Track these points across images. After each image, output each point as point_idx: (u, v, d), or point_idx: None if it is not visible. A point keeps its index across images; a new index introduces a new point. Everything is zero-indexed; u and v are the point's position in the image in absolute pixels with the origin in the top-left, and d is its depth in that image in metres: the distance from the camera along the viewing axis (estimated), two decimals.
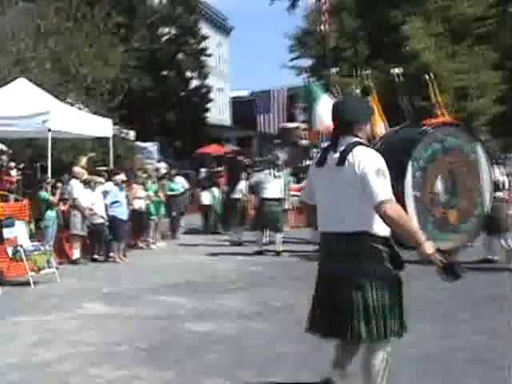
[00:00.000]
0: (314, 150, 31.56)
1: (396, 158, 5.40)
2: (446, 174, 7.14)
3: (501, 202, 15.27)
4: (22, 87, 19.02)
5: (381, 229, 5.35)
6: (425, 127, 8.44)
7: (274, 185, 18.26)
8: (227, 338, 8.87)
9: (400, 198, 5.47)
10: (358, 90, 21.10)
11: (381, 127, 22.19)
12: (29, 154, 22.68)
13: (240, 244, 20.25)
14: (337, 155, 5.43)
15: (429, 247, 5.15)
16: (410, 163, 6.53)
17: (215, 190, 24.87)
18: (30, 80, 20.00)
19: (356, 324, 5.34)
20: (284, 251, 17.94)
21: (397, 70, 24.00)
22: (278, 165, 20.87)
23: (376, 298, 5.37)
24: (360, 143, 5.44)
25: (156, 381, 7.07)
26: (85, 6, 28.47)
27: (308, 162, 28.56)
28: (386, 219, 5.16)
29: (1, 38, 26.82)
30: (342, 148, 5.43)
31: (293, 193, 23.76)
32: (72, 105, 23.26)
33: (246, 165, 28.77)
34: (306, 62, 45.25)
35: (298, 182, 25.00)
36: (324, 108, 23.10)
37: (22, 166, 20.88)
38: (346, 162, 5.32)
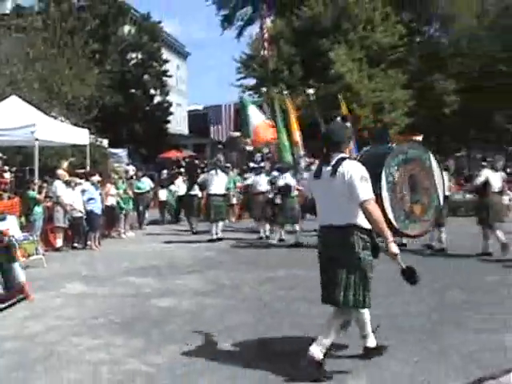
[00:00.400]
0: (258, 155, 31.79)
1: (372, 168, 5.84)
2: (409, 178, 7.53)
3: None
4: (13, 103, 18.89)
5: (364, 222, 5.83)
6: (390, 144, 9.02)
7: (218, 182, 18.34)
8: (186, 311, 8.95)
9: (378, 198, 5.96)
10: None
11: (297, 135, 22.71)
12: (19, 160, 22.47)
13: (195, 233, 20.28)
14: (329, 168, 5.94)
15: (395, 247, 5.75)
16: (383, 171, 6.89)
17: (172, 188, 24.93)
18: (21, 97, 19.88)
19: (342, 294, 5.89)
20: (231, 239, 18.08)
21: (310, 91, 24.41)
22: (222, 166, 21.06)
23: (359, 276, 5.86)
24: (346, 158, 6.00)
25: (128, 348, 7.14)
26: (66, 36, 28.42)
27: (252, 164, 28.69)
28: (367, 213, 5.70)
29: None
30: (333, 162, 5.94)
31: (238, 190, 23.96)
32: (55, 118, 23.10)
33: (200, 167, 28.82)
34: (250, 82, 45.35)
35: (244, 180, 25.03)
36: (252, 114, 23.35)
37: (14, 169, 20.72)
38: (337, 173, 5.84)
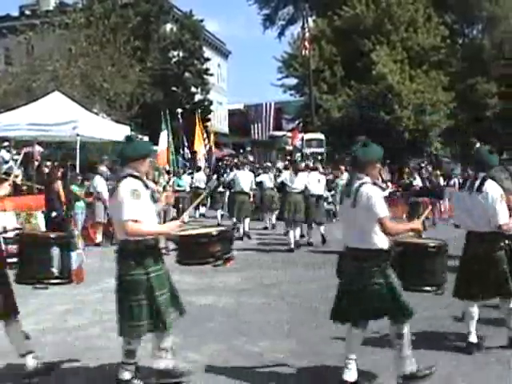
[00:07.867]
0: (298, 154, 31.74)
1: None
2: None
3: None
4: (56, 99, 19.03)
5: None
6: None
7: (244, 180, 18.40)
8: (224, 309, 8.96)
9: None
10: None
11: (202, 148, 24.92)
12: (60, 155, 22.68)
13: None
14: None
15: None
16: None
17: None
18: (63, 93, 20.06)
19: None
20: (270, 238, 18.03)
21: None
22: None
23: None
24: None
25: None
26: (109, 33, 28.69)
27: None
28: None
29: (41, 60, 27.19)
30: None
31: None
32: (97, 114, 23.31)
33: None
34: (291, 81, 45.31)
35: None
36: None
37: (55, 164, 20.97)
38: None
